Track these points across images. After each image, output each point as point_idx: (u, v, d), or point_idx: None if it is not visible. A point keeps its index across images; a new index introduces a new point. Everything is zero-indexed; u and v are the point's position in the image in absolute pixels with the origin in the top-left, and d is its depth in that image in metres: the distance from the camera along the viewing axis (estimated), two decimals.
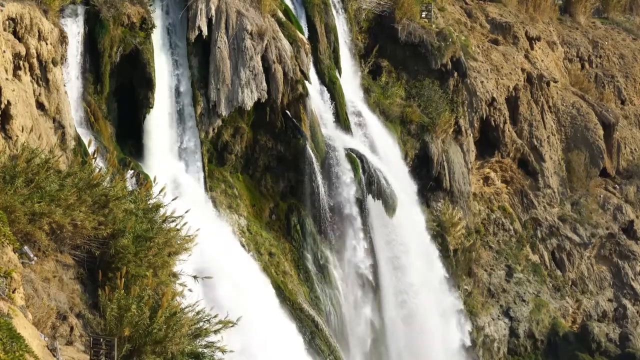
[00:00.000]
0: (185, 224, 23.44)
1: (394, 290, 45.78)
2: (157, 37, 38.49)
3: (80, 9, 35.83)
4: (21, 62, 29.91)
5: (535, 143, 58.76)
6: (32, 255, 19.85)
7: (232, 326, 21.39)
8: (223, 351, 21.35)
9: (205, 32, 39.30)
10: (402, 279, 46.15)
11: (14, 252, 18.30)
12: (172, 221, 23.40)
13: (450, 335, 48.93)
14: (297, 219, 42.42)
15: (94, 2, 35.99)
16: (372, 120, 48.45)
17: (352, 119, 47.06)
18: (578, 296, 58.46)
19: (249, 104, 40.17)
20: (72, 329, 19.60)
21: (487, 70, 56.78)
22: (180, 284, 22.99)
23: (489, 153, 57.03)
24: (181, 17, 39.33)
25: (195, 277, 23.57)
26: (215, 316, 21.24)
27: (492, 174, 57.60)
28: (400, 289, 46.05)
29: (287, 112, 41.95)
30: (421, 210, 49.46)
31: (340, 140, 44.56)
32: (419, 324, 46.56)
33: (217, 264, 33.16)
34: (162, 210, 23.60)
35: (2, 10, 29.04)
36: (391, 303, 45.68)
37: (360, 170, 43.83)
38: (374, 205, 44.51)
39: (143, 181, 32.54)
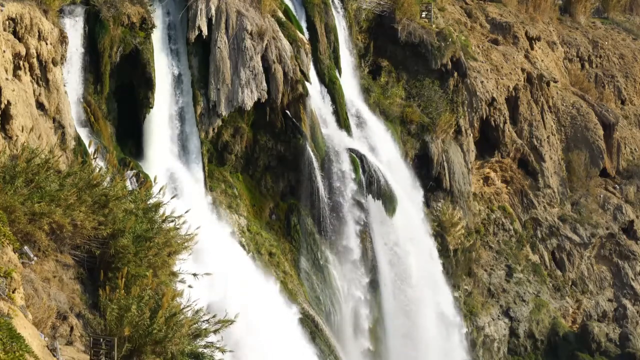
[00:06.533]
0: (184, 222, 23.45)
1: (394, 289, 45.77)
2: (157, 37, 38.50)
3: (80, 9, 35.84)
4: (21, 62, 29.92)
5: (535, 143, 58.75)
6: (32, 255, 19.85)
7: (230, 324, 21.41)
8: (223, 351, 21.37)
9: (205, 32, 39.31)
10: (402, 278, 46.15)
11: (14, 252, 18.30)
12: (172, 221, 23.41)
13: (449, 333, 48.95)
14: (297, 219, 42.43)
15: (94, 2, 36.01)
16: (372, 120, 48.45)
17: (352, 119, 47.06)
18: (578, 296, 58.45)
19: (249, 104, 40.18)
20: (72, 329, 19.60)
21: (487, 70, 56.77)
22: (180, 281, 23.00)
23: (489, 153, 57.01)
24: (181, 17, 39.35)
25: (195, 274, 23.58)
26: (214, 316, 21.26)
27: (492, 174, 57.59)
28: (400, 287, 46.05)
29: (287, 112, 41.96)
30: (421, 210, 49.44)
31: (340, 140, 44.57)
32: (418, 322, 46.57)
33: (217, 263, 33.17)
34: (161, 210, 23.61)
35: (2, 10, 29.05)
36: (391, 302, 45.68)
37: (360, 170, 43.84)
38: (374, 205, 44.51)
39: (143, 181, 32.62)
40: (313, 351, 38.74)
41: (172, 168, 38.01)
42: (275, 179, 42.60)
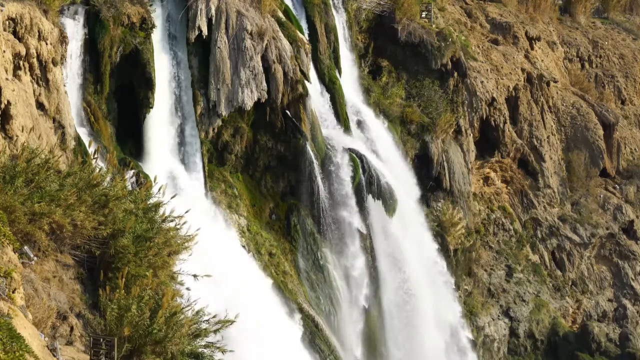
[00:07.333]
0: (184, 223, 23.46)
1: (393, 288, 45.77)
2: (157, 37, 38.49)
3: (80, 9, 35.83)
4: (21, 62, 29.91)
5: (535, 143, 58.76)
6: (32, 255, 19.85)
7: (230, 324, 21.41)
8: (223, 351, 21.36)
9: (205, 32, 39.31)
10: (402, 278, 46.15)
11: (14, 252, 18.30)
12: (172, 221, 23.41)
13: (448, 331, 48.95)
14: (297, 219, 42.42)
15: (94, 2, 36.00)
16: (372, 120, 48.46)
17: (352, 119, 47.06)
18: (578, 296, 58.45)
19: (249, 104, 40.18)
20: (72, 329, 19.60)
21: (487, 70, 56.77)
22: (179, 283, 23.01)
23: (489, 153, 57.03)
24: (181, 17, 39.34)
25: (195, 275, 23.58)
26: (214, 316, 21.26)
27: (492, 174, 57.60)
28: (400, 287, 46.05)
29: (287, 112, 41.96)
30: (421, 209, 49.44)
31: (340, 140, 44.57)
32: (419, 321, 46.57)
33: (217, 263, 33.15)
34: (161, 210, 23.61)
35: (2, 10, 29.05)
36: (391, 302, 45.69)
37: (360, 170, 43.84)
38: (374, 205, 44.51)
39: (143, 181, 32.62)
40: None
41: (172, 168, 38.01)
42: (275, 179, 42.59)
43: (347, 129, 46.02)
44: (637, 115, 69.17)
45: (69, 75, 34.59)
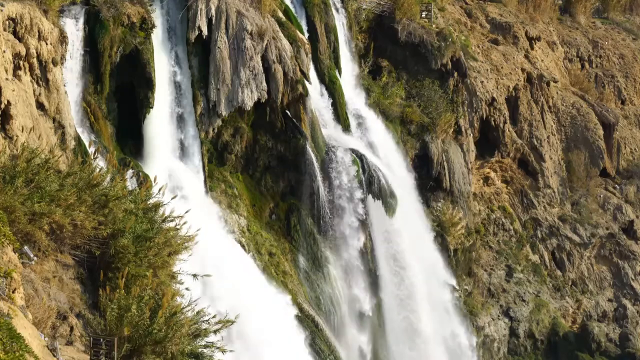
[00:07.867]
0: (184, 223, 23.47)
1: (394, 289, 45.77)
2: (157, 37, 38.49)
3: (80, 9, 35.84)
4: (21, 62, 29.93)
5: (535, 143, 58.74)
6: (32, 255, 19.86)
7: (231, 324, 21.42)
8: (223, 351, 21.38)
9: (205, 32, 39.32)
10: (403, 278, 46.15)
11: (14, 252, 18.31)
12: (172, 221, 23.43)
13: (450, 333, 48.96)
14: (297, 219, 42.44)
15: (94, 2, 36.02)
16: (372, 120, 48.45)
17: (352, 119, 47.07)
18: (578, 296, 58.44)
19: (249, 104, 40.19)
20: (72, 329, 19.62)
21: (487, 70, 56.76)
22: (179, 282, 23.02)
23: (489, 153, 56.99)
24: (181, 17, 39.35)
25: (195, 275, 23.59)
26: (214, 316, 21.27)
27: (492, 174, 57.59)
28: (400, 288, 46.04)
29: (287, 112, 41.97)
30: (421, 210, 49.43)
31: (340, 140, 44.57)
32: (419, 322, 46.58)
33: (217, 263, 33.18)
34: (161, 210, 23.63)
35: (2, 10, 29.06)
36: (391, 302, 45.68)
37: (360, 170, 43.84)
38: (374, 205, 44.50)
39: (143, 181, 32.65)
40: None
41: (172, 168, 38.01)
42: (275, 179, 42.60)
43: (347, 129, 46.03)
44: (637, 115, 69.17)
45: (69, 75, 34.60)
